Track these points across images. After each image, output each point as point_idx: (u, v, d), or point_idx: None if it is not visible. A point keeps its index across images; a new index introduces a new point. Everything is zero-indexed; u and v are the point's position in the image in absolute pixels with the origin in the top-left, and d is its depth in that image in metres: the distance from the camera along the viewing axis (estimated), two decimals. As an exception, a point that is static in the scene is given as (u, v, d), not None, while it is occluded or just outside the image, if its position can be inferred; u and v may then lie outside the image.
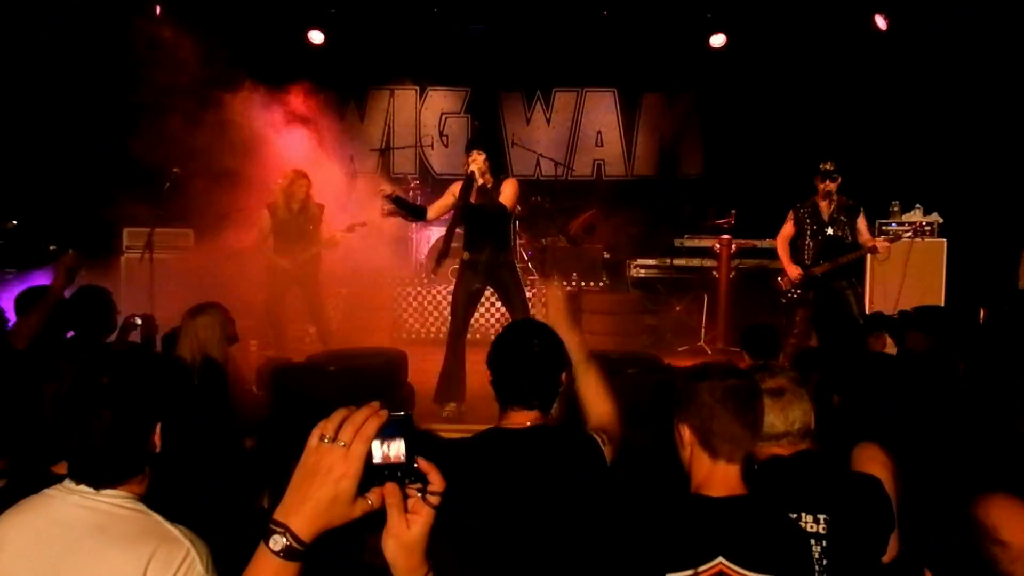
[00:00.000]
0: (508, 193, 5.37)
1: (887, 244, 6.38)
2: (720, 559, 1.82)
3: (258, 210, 7.01)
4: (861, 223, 6.37)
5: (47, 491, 1.70)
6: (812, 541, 2.07)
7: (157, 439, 1.76)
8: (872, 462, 2.48)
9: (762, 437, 2.21)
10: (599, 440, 2.46)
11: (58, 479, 1.74)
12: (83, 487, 1.68)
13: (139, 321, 4.52)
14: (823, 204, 6.34)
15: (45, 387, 1.75)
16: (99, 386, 1.69)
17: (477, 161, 5.36)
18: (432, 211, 5.61)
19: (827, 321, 4.37)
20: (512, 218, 5.59)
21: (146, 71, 7.85)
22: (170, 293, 4.39)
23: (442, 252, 5.80)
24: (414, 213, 5.68)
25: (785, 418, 2.23)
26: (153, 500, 1.73)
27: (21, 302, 4.11)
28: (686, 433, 2.00)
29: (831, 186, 6.27)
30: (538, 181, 10.44)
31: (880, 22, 9.08)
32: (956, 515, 1.55)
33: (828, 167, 6.29)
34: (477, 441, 2.39)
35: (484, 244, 5.45)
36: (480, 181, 5.34)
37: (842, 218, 6.32)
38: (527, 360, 2.39)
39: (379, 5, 9.75)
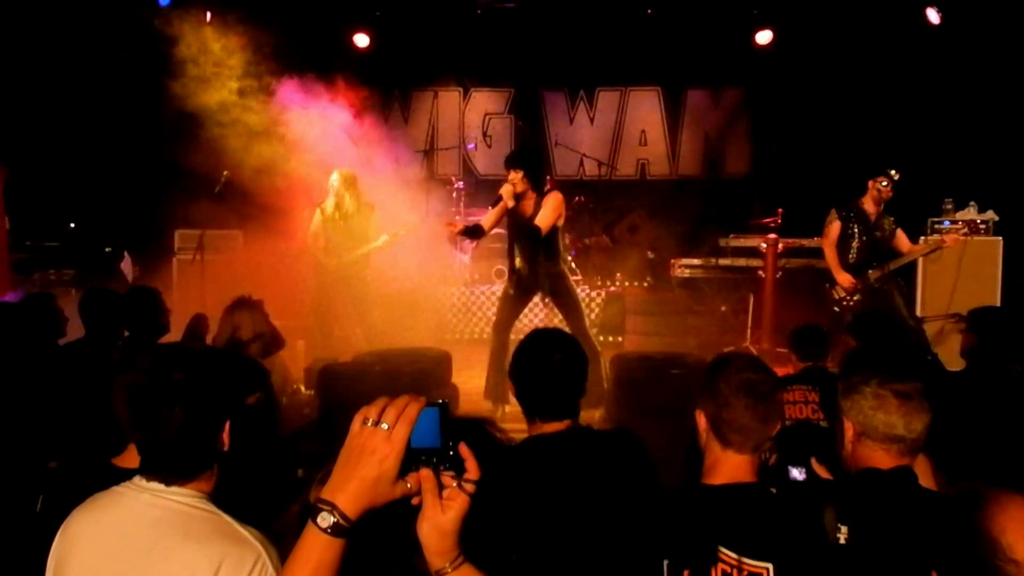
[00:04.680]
0: (545, 212, 5.41)
1: (961, 238, 6.25)
2: (717, 546, 1.84)
3: (306, 211, 7.10)
4: (901, 236, 6.37)
5: (117, 488, 1.71)
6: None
7: (226, 437, 1.77)
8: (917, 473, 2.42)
9: (875, 436, 2.13)
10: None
11: (119, 472, 1.76)
12: (154, 484, 1.68)
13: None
14: (870, 207, 6.28)
15: (119, 379, 1.76)
16: (172, 381, 1.70)
17: (514, 179, 5.40)
18: (486, 225, 5.73)
19: (867, 323, 4.28)
20: (549, 234, 5.51)
21: (197, 75, 8.01)
22: (220, 294, 4.50)
23: (470, 229, 5.78)
24: (473, 234, 5.80)
25: (907, 423, 2.12)
26: (220, 499, 1.73)
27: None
28: (701, 419, 2.08)
29: (888, 194, 6.19)
30: (581, 181, 10.40)
31: (932, 16, 8.85)
32: (968, 526, 1.45)
33: (894, 174, 6.20)
34: (521, 449, 2.37)
35: (527, 255, 5.61)
36: (510, 204, 5.38)
37: (885, 224, 6.31)
38: (550, 375, 2.40)
39: (423, 7, 9.80)
